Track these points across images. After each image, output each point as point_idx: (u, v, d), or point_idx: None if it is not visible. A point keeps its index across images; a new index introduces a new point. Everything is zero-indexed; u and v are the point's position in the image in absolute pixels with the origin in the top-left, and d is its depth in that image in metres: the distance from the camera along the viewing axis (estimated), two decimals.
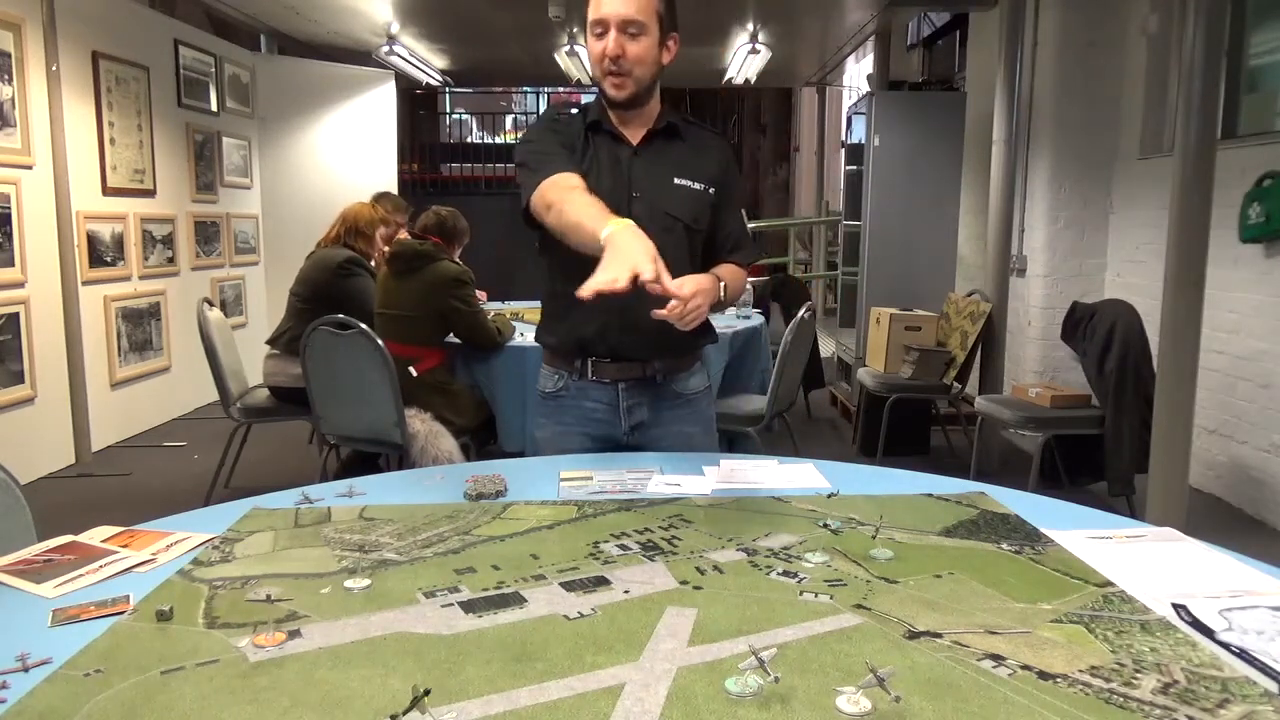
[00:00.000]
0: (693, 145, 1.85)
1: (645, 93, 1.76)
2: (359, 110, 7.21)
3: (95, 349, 4.89)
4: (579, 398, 1.85)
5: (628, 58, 1.70)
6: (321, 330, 3.28)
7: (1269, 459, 3.82)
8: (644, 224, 1.64)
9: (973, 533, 1.29)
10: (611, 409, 1.85)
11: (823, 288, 9.66)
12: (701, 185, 1.82)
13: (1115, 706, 0.83)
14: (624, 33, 1.69)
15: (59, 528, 1.31)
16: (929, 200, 5.26)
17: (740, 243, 1.90)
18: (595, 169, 1.78)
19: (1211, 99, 2.94)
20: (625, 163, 1.79)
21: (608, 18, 1.69)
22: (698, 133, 1.88)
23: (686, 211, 1.79)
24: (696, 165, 1.83)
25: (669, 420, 1.87)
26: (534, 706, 0.83)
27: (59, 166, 4.52)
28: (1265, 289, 3.83)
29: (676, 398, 1.87)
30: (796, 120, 12.49)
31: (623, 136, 1.81)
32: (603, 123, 1.81)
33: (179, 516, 1.36)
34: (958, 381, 4.55)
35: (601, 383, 1.84)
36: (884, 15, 6.55)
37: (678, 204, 1.79)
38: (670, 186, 1.79)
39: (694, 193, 1.81)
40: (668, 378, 1.86)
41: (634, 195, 1.77)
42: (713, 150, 1.87)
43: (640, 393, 1.85)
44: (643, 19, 1.70)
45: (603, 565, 1.16)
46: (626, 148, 1.81)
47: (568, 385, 1.86)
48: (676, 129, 1.83)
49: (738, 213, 1.91)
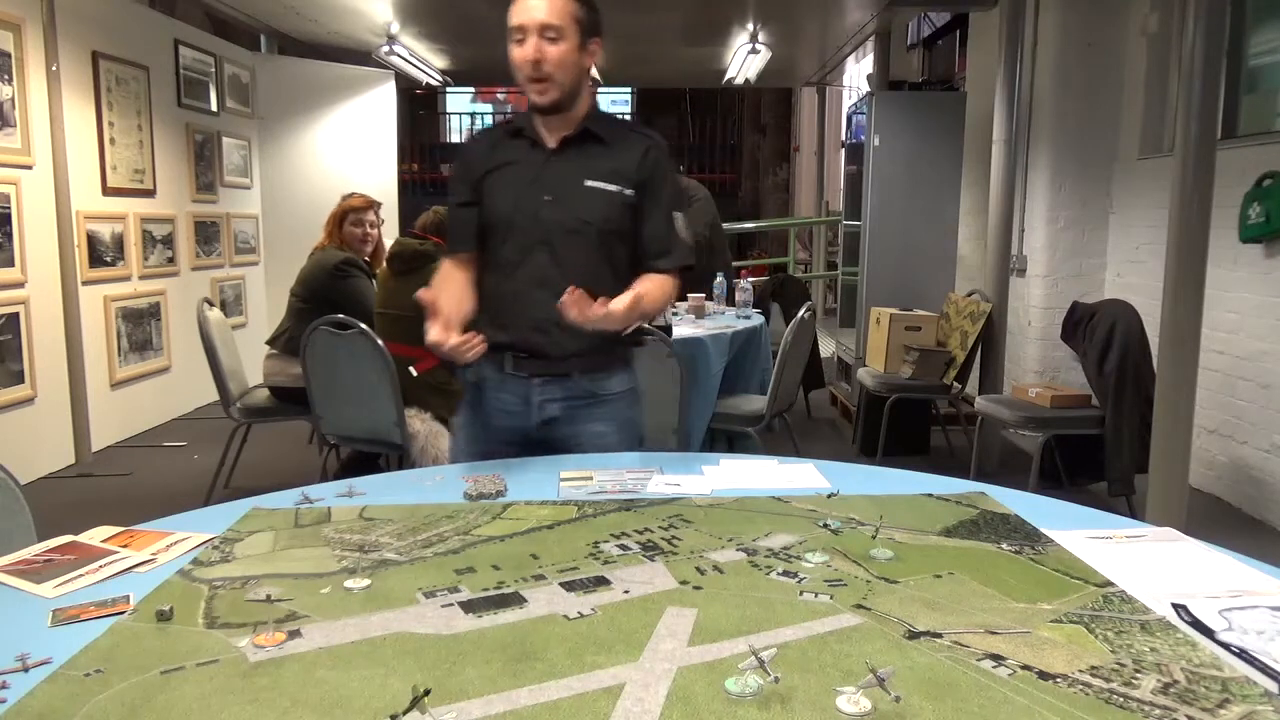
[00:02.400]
0: (614, 147, 1.85)
1: (569, 97, 1.78)
2: (359, 110, 7.21)
3: (95, 349, 4.89)
4: (496, 390, 1.88)
5: (547, 61, 1.73)
6: (321, 330, 3.28)
7: (1269, 459, 3.82)
8: (554, 228, 1.79)
9: (973, 533, 1.29)
10: (524, 402, 1.87)
11: (823, 288, 9.66)
12: (616, 187, 1.82)
13: (1115, 706, 0.83)
14: (543, 37, 1.72)
15: (59, 528, 1.31)
16: (929, 200, 5.25)
17: (667, 247, 1.88)
18: (505, 176, 1.83)
19: (1211, 99, 2.94)
20: (539, 167, 1.82)
21: (526, 24, 1.73)
22: (623, 134, 1.88)
23: (597, 214, 1.79)
24: (613, 167, 1.82)
25: (582, 418, 1.87)
26: (534, 706, 0.83)
27: (59, 166, 4.52)
28: (1265, 289, 3.83)
29: (592, 397, 1.88)
30: (796, 120, 12.49)
31: (541, 140, 1.84)
32: (525, 129, 1.85)
33: (179, 516, 1.36)
34: (958, 381, 4.55)
35: (518, 376, 1.86)
36: (884, 15, 6.55)
37: (588, 207, 1.79)
38: (581, 189, 1.80)
39: (607, 195, 1.81)
40: (584, 375, 1.86)
41: (545, 199, 1.80)
42: (634, 150, 1.85)
43: (555, 389, 1.86)
44: (560, 24, 1.73)
45: (603, 565, 1.16)
46: (542, 152, 1.83)
47: (488, 376, 1.89)
48: (596, 132, 1.84)
49: (666, 215, 1.88)
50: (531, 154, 1.84)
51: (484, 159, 1.86)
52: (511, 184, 1.83)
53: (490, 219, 1.84)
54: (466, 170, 1.88)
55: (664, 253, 1.87)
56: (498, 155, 1.86)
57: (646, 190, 1.85)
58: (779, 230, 10.91)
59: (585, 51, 1.79)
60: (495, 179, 1.84)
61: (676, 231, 1.90)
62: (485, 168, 1.85)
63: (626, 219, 1.84)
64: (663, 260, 1.87)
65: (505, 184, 1.84)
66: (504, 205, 1.83)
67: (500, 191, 1.84)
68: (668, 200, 1.88)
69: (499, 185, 1.84)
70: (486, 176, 1.84)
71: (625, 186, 1.83)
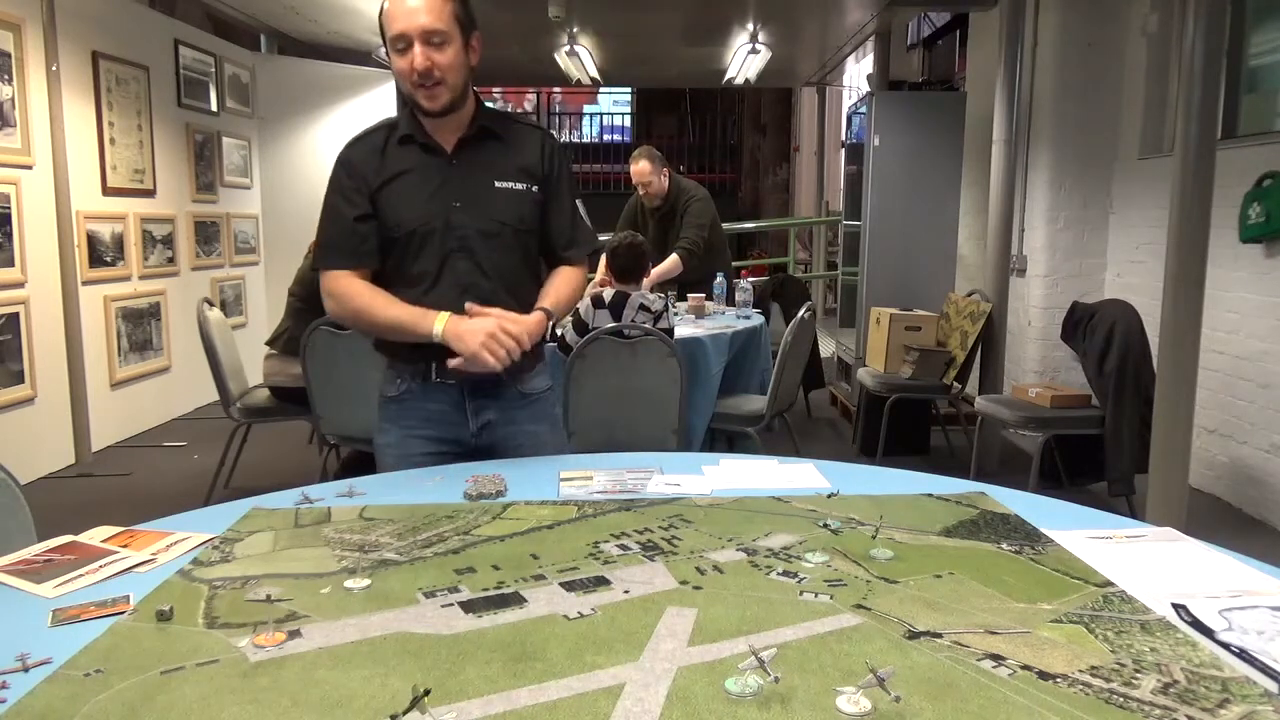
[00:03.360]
0: (511, 143, 1.82)
1: (460, 98, 1.75)
2: (359, 110, 7.20)
3: (95, 349, 4.89)
4: (422, 400, 1.83)
5: (437, 68, 1.68)
6: (321, 330, 3.28)
7: (1269, 459, 3.82)
8: (470, 232, 1.75)
9: (973, 533, 1.29)
10: (457, 410, 1.83)
11: (823, 288, 9.66)
12: (524, 185, 1.80)
13: (1115, 706, 0.83)
14: (428, 44, 1.67)
15: (59, 528, 1.31)
16: (929, 200, 5.26)
17: (575, 237, 1.88)
18: (408, 185, 1.76)
19: (1211, 99, 2.94)
20: (442, 173, 1.77)
21: (408, 31, 1.66)
22: (516, 128, 1.86)
23: (511, 214, 1.78)
24: (516, 164, 1.81)
25: (518, 419, 1.86)
26: (534, 706, 0.83)
27: (59, 166, 4.52)
28: (1265, 289, 3.83)
29: (522, 397, 1.87)
30: (796, 120, 12.49)
31: (437, 146, 1.78)
32: (415, 135, 1.78)
33: (179, 516, 1.36)
34: (958, 381, 4.55)
35: (446, 384, 1.80)
36: (884, 15, 6.55)
37: (501, 208, 1.77)
38: (492, 191, 1.78)
39: (516, 193, 1.79)
40: (513, 377, 1.83)
41: (455, 205, 1.76)
42: (533, 145, 1.84)
43: (486, 393, 1.83)
44: (444, 27, 1.67)
45: (603, 565, 1.16)
46: (441, 158, 1.78)
47: (411, 388, 1.84)
48: (491, 130, 1.81)
49: (569, 205, 1.87)
50: (428, 160, 1.77)
51: (375, 168, 1.76)
52: (415, 193, 1.75)
53: (393, 231, 1.76)
54: (359, 180, 1.76)
55: (571, 243, 1.88)
56: (390, 164, 1.76)
57: (549, 183, 1.84)
58: (779, 230, 10.91)
59: (470, 49, 1.75)
60: (394, 189, 1.76)
61: (581, 219, 1.90)
62: (380, 178, 1.75)
63: (536, 216, 1.83)
64: (571, 250, 1.88)
65: (407, 194, 1.76)
66: (411, 216, 1.75)
67: (403, 202, 1.76)
68: (569, 190, 1.88)
69: (400, 195, 1.76)
70: (383, 187, 1.76)
71: (531, 183, 1.81)
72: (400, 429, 1.85)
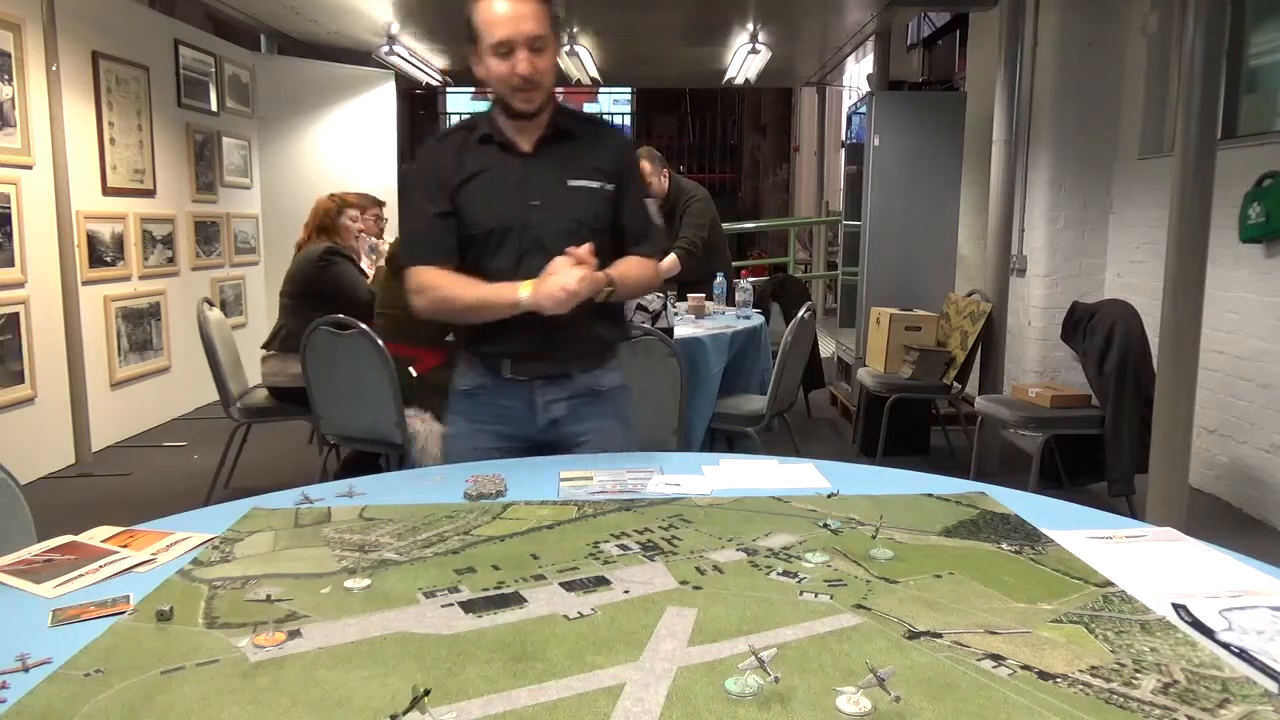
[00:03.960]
0: (586, 143, 1.85)
1: (549, 100, 1.79)
2: (359, 110, 7.21)
3: (95, 349, 4.89)
4: (495, 395, 1.87)
5: (539, 73, 1.71)
6: (321, 330, 3.28)
7: (1269, 459, 3.82)
8: (547, 230, 1.76)
9: (973, 533, 1.29)
10: (527, 406, 1.86)
11: (823, 288, 9.66)
12: (598, 183, 1.82)
13: (1115, 706, 0.83)
14: (531, 49, 1.70)
15: (59, 528, 1.31)
16: (929, 200, 5.26)
17: (644, 234, 1.90)
18: (486, 184, 1.80)
19: (1211, 99, 2.94)
20: (519, 172, 1.80)
21: (513, 38, 1.69)
22: (593, 129, 1.89)
23: (587, 213, 1.79)
24: (591, 163, 1.83)
25: (586, 416, 1.88)
26: (534, 706, 0.83)
27: (59, 166, 4.52)
28: (1265, 289, 3.83)
29: (592, 393, 1.88)
30: (796, 120, 12.49)
31: (515, 146, 1.81)
32: (494, 135, 1.81)
33: (179, 516, 1.36)
34: (958, 381, 4.55)
35: (518, 380, 1.85)
36: (884, 15, 6.55)
37: (577, 207, 1.79)
38: (567, 190, 1.80)
39: (591, 192, 1.81)
40: (583, 373, 1.87)
41: (532, 204, 1.78)
42: (607, 144, 1.87)
43: (557, 389, 1.86)
44: (545, 33, 1.71)
45: (603, 565, 1.16)
46: (518, 157, 1.81)
47: (484, 384, 1.88)
48: (567, 129, 1.83)
49: (640, 204, 1.90)
50: (506, 160, 1.80)
51: (455, 167, 1.80)
52: (493, 193, 1.79)
53: (472, 229, 1.80)
54: (440, 178, 1.81)
55: (642, 238, 1.89)
56: (469, 163, 1.81)
57: (623, 182, 1.85)
58: (779, 230, 10.90)
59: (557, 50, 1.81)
60: (472, 188, 1.80)
61: (651, 218, 1.92)
62: (459, 177, 1.80)
63: (609, 214, 1.85)
64: (642, 245, 1.89)
65: (485, 193, 1.79)
66: (489, 215, 1.79)
67: (482, 201, 1.79)
68: (639, 188, 1.91)
69: (479, 194, 1.79)
70: (462, 186, 1.80)
71: (605, 181, 1.83)
72: (470, 423, 1.90)
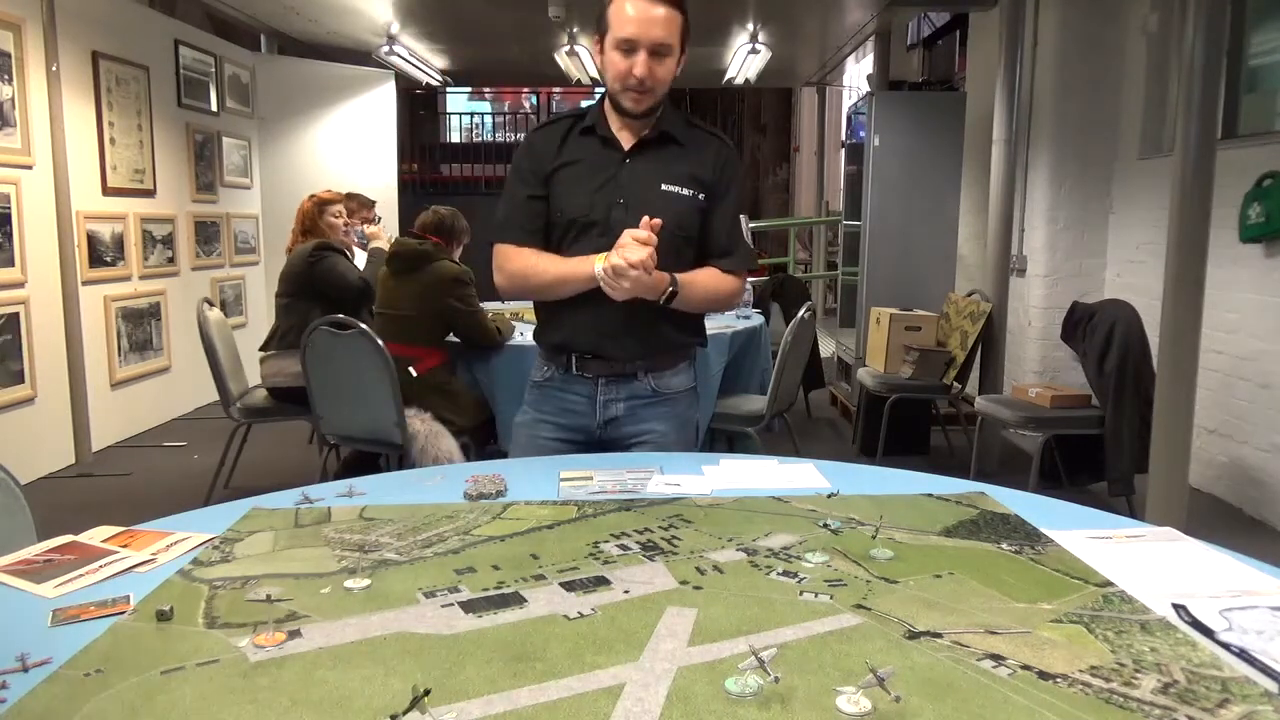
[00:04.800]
0: (689, 150, 1.83)
1: (659, 104, 1.79)
2: (359, 110, 7.21)
3: (95, 349, 4.89)
4: (562, 389, 1.89)
5: (654, 79, 1.72)
6: (321, 330, 3.28)
7: (1269, 459, 3.82)
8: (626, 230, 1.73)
9: (973, 533, 1.28)
10: (589, 402, 1.88)
11: (823, 288, 9.66)
12: (690, 191, 1.81)
13: (1115, 706, 0.83)
14: (653, 54, 1.70)
15: (59, 528, 1.31)
16: (929, 200, 5.26)
17: (730, 248, 1.87)
18: (576, 174, 1.80)
19: (1211, 99, 2.94)
20: (613, 169, 1.80)
21: (639, 39, 1.69)
22: (699, 137, 1.87)
23: (671, 219, 1.77)
24: (688, 171, 1.81)
25: (644, 417, 1.88)
26: (534, 706, 0.83)
27: (59, 166, 4.52)
28: (1265, 289, 3.83)
29: (654, 395, 1.88)
30: (796, 120, 12.49)
31: (616, 142, 1.81)
32: (597, 128, 1.81)
33: (179, 516, 1.36)
34: (958, 381, 4.55)
35: (584, 377, 1.86)
36: (884, 15, 6.55)
37: (663, 211, 1.76)
38: (657, 193, 1.79)
39: (681, 198, 1.80)
40: (648, 374, 1.87)
41: (619, 201, 1.78)
42: (710, 154, 1.85)
43: (618, 388, 1.86)
44: (672, 42, 1.71)
45: (603, 565, 1.16)
46: (617, 153, 1.81)
47: (553, 376, 1.90)
48: (671, 134, 1.82)
49: (732, 217, 1.87)
50: (604, 154, 1.80)
51: (553, 153, 1.82)
52: (583, 184, 1.79)
53: (557, 216, 1.81)
54: (536, 163, 1.82)
55: (726, 253, 1.86)
56: (568, 151, 1.82)
57: (716, 193, 1.84)
58: (779, 230, 10.89)
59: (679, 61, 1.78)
60: (565, 176, 1.80)
61: (741, 235, 1.88)
62: (555, 163, 1.81)
63: (697, 223, 1.83)
64: (724, 261, 1.86)
65: (576, 183, 1.80)
66: (574, 205, 1.79)
67: (570, 190, 1.80)
68: (735, 203, 1.88)
69: (569, 183, 1.80)
70: (556, 172, 1.81)
71: (699, 191, 1.82)
72: (536, 413, 1.93)
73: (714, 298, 1.87)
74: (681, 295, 1.77)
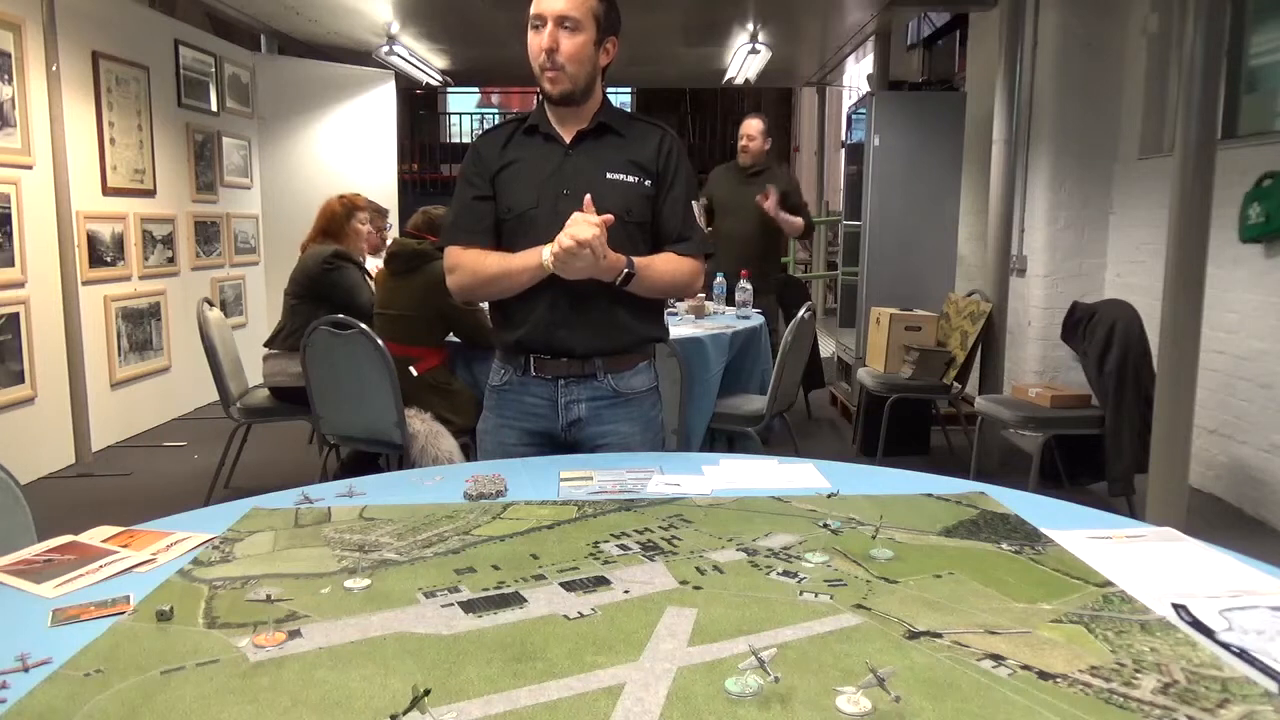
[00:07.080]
0: (629, 139, 1.86)
1: (582, 91, 1.81)
2: (359, 110, 7.21)
3: (95, 349, 4.89)
4: (520, 393, 1.89)
5: (561, 53, 1.75)
6: (321, 330, 3.28)
7: (1269, 459, 3.82)
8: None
9: (973, 533, 1.28)
10: (550, 405, 1.87)
11: (823, 288, 9.66)
12: (635, 178, 1.84)
13: (1115, 706, 0.83)
14: (560, 27, 1.74)
15: (59, 528, 1.31)
16: (929, 200, 5.26)
17: (685, 233, 1.89)
18: (520, 171, 1.84)
19: (1211, 99, 2.94)
20: (556, 162, 1.83)
21: (545, 12, 1.75)
22: (639, 127, 1.90)
23: (618, 206, 1.78)
24: (631, 159, 1.84)
25: (607, 418, 1.88)
26: (534, 706, 0.83)
27: (59, 166, 4.52)
28: (1265, 289, 3.83)
29: (616, 395, 1.88)
30: (796, 120, 12.49)
31: (557, 136, 1.85)
32: (539, 125, 1.86)
33: (179, 516, 1.36)
34: (958, 381, 4.55)
35: (543, 379, 1.86)
36: (884, 15, 6.55)
37: (609, 199, 1.78)
38: (602, 182, 1.81)
39: (626, 185, 1.83)
40: (608, 374, 1.87)
41: (563, 193, 1.80)
42: (652, 142, 1.87)
43: (579, 389, 1.86)
44: (578, 16, 1.75)
45: (603, 565, 1.16)
46: (559, 147, 1.85)
47: (511, 380, 1.90)
48: (610, 125, 1.85)
49: (684, 204, 1.89)
50: (547, 149, 1.85)
51: (497, 154, 1.86)
52: (528, 179, 1.83)
53: (506, 214, 1.84)
54: (482, 165, 1.87)
55: (681, 238, 1.89)
56: (511, 151, 1.86)
57: (663, 179, 1.86)
58: None
59: (601, 49, 1.81)
60: (510, 174, 1.84)
61: (693, 219, 1.90)
62: (500, 163, 1.85)
63: (647, 210, 1.85)
64: (680, 246, 1.88)
65: (521, 179, 1.83)
66: (520, 199, 1.83)
67: (516, 186, 1.83)
68: (685, 189, 1.90)
69: (514, 180, 1.84)
70: (501, 171, 1.85)
71: (644, 177, 1.84)
72: (498, 418, 1.93)
73: (672, 281, 1.88)
74: (639, 278, 1.78)
